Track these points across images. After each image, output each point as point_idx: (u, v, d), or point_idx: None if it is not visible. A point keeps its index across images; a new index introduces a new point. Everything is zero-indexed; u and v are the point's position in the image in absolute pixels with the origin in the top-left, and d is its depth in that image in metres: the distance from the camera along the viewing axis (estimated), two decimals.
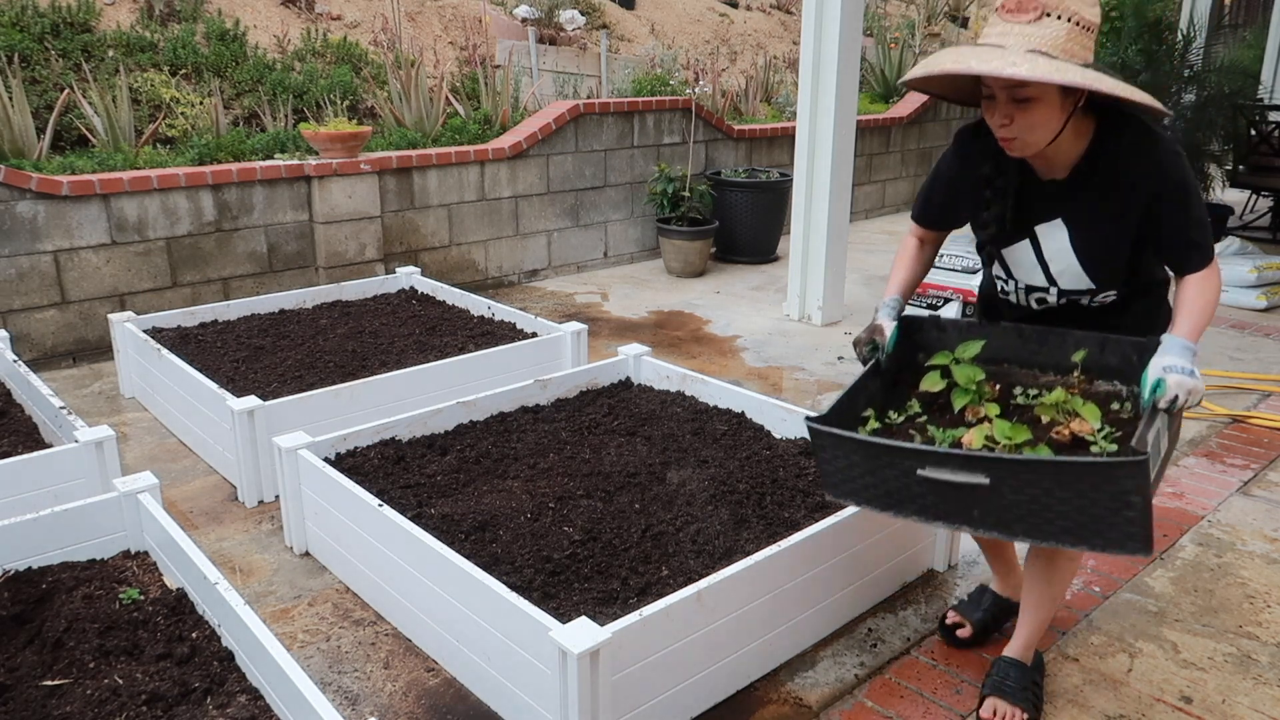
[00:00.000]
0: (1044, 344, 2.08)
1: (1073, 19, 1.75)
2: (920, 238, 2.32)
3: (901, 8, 13.33)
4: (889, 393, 2.13)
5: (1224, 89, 7.22)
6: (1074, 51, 1.77)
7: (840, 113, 5.09)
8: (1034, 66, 1.69)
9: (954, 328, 2.16)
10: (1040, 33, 1.75)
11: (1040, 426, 1.95)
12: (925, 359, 2.14)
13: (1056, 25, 1.75)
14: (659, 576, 2.47)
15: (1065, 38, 1.76)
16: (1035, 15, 1.75)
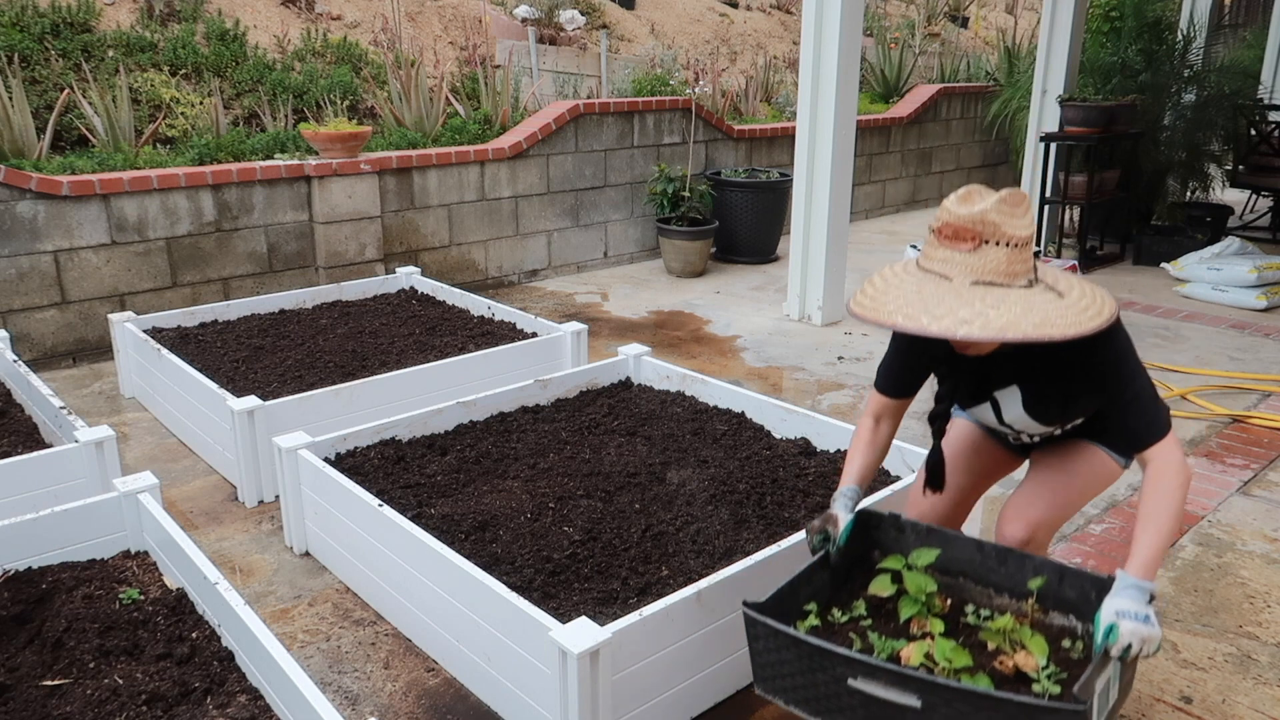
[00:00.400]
0: (1003, 563, 2.03)
1: (1009, 243, 1.81)
2: (878, 415, 2.26)
3: (901, 8, 13.33)
4: (838, 588, 2.07)
5: (1224, 89, 7.22)
6: (1016, 272, 1.83)
7: (840, 113, 5.09)
8: (985, 321, 1.76)
9: (913, 530, 2.11)
10: (982, 263, 1.81)
11: (985, 652, 1.89)
12: (880, 557, 2.08)
13: (996, 252, 1.81)
14: (659, 576, 2.47)
15: (1006, 262, 1.81)
16: (974, 245, 1.81)
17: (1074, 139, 6.41)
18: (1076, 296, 1.87)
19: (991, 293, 1.80)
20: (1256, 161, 7.53)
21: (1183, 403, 4.25)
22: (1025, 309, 1.78)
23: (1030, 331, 1.75)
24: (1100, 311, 1.86)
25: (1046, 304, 1.82)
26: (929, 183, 9.26)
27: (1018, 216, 1.83)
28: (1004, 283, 1.82)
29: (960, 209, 1.83)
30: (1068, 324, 1.78)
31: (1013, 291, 1.81)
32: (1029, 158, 7.12)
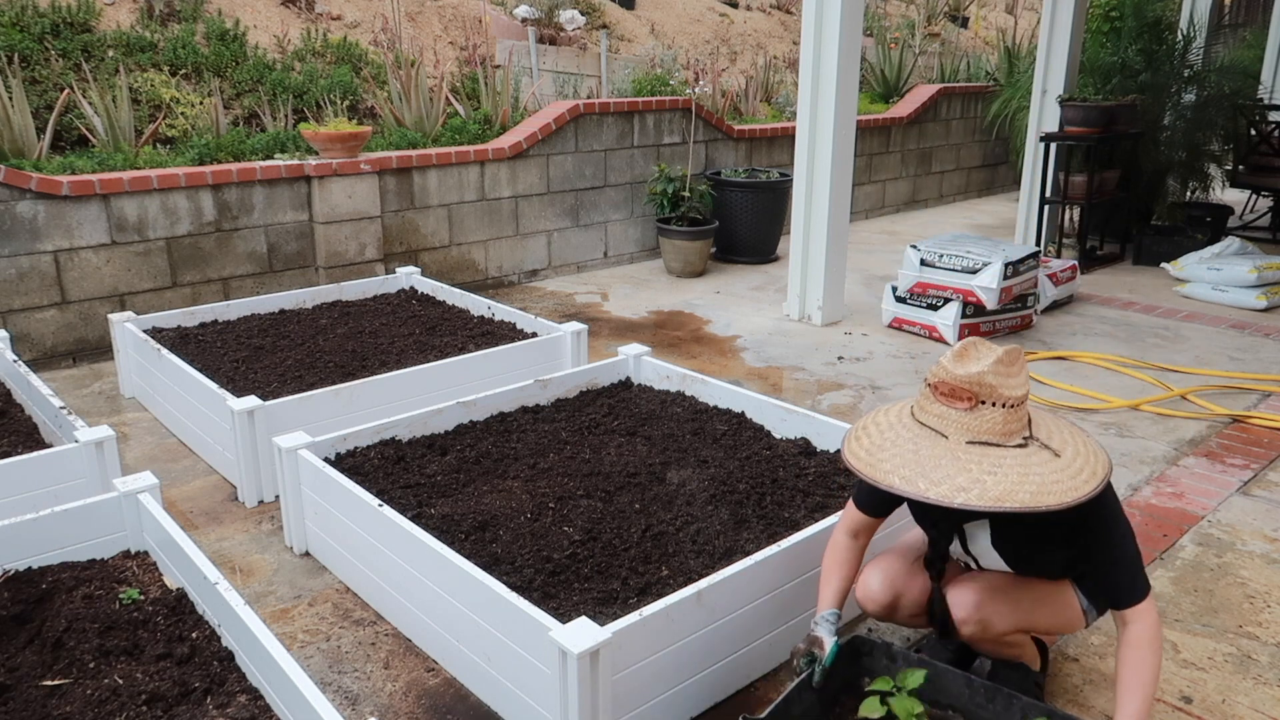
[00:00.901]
0: (991, 700, 2.01)
1: (1005, 403, 1.84)
2: (854, 531, 2.25)
3: (901, 8, 13.33)
4: (826, 710, 2.08)
5: (1224, 89, 7.22)
6: (1011, 431, 1.86)
7: (840, 113, 5.09)
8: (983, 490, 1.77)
9: (904, 659, 2.10)
10: (978, 423, 1.84)
11: None
12: (869, 684, 2.07)
13: (992, 413, 1.84)
14: (659, 576, 2.47)
15: (1002, 423, 1.84)
16: (970, 405, 1.84)
17: (1074, 139, 6.41)
18: (1070, 456, 1.87)
19: (988, 455, 1.83)
20: (1256, 161, 7.52)
21: (1183, 403, 4.25)
22: (1021, 475, 1.80)
23: (1027, 500, 1.77)
24: (1095, 474, 1.85)
25: (1042, 467, 1.83)
26: (929, 183, 9.26)
27: (1013, 376, 1.86)
28: (999, 442, 1.84)
29: (957, 369, 1.86)
30: (1064, 491, 1.79)
31: (1009, 453, 1.84)
32: (1029, 158, 7.12)
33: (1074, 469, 1.84)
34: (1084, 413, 4.14)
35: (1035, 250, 5.28)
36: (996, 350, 1.89)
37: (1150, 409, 4.17)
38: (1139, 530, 3.14)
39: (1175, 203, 7.52)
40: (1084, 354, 4.87)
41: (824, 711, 2.09)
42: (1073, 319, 5.55)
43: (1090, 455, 1.90)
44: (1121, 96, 6.70)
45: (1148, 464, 3.65)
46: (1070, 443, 1.92)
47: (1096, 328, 5.37)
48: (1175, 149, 7.16)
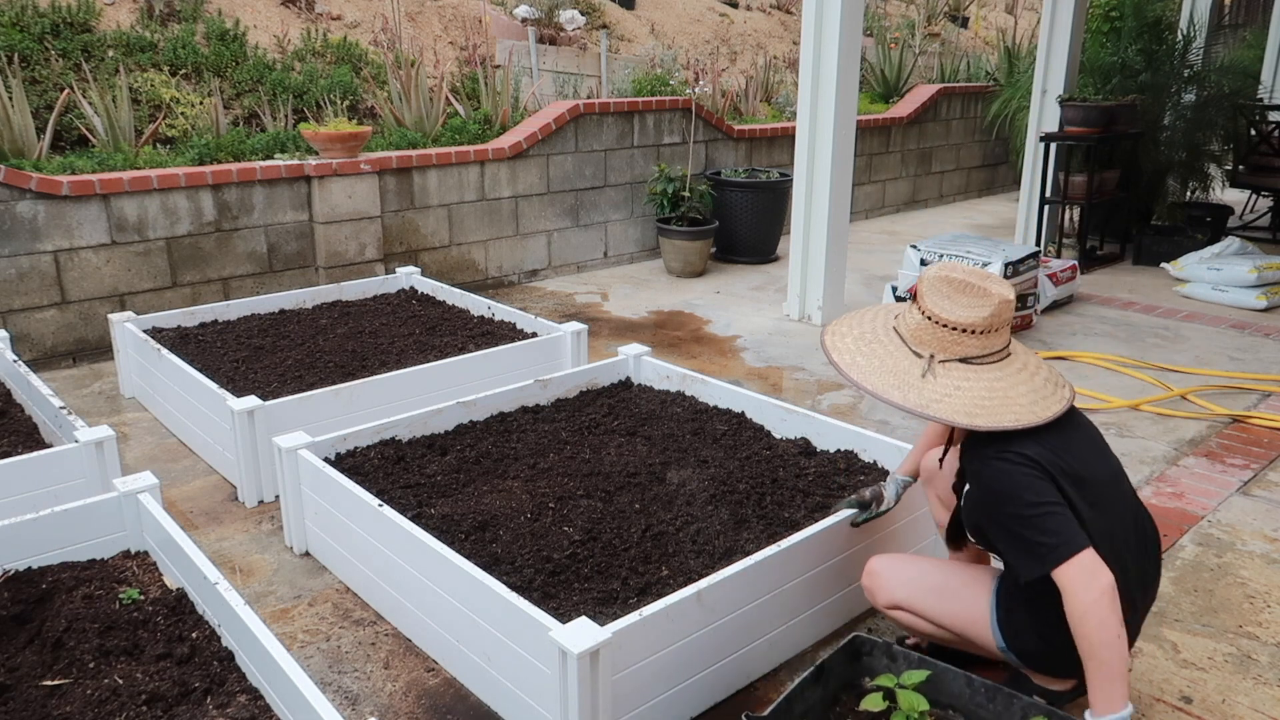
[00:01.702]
0: (991, 700, 2.02)
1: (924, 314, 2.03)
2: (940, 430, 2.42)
3: (901, 8, 13.33)
4: (827, 709, 2.11)
5: (1224, 89, 7.22)
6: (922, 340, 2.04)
7: (840, 113, 5.09)
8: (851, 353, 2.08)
9: (905, 660, 2.13)
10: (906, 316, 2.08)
11: None
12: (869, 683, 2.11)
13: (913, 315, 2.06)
14: (659, 576, 2.47)
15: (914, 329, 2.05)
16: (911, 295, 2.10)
17: (1074, 139, 6.41)
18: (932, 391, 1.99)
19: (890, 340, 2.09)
20: (1256, 161, 7.52)
21: (1183, 403, 4.25)
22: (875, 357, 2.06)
23: (844, 364, 2.09)
24: (914, 403, 1.98)
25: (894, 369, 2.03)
26: (929, 183, 9.26)
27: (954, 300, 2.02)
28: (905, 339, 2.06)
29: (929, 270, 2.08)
30: (874, 383, 2.02)
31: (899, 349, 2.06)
32: (1029, 158, 7.12)
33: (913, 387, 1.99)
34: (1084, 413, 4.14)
35: (1035, 250, 5.28)
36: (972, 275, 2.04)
37: (1150, 409, 4.17)
38: None
39: (1175, 203, 7.52)
40: (1084, 354, 4.87)
41: (825, 710, 2.11)
42: (1073, 319, 5.55)
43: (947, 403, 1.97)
44: (1121, 96, 6.70)
45: (1148, 464, 3.65)
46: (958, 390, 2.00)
47: (1096, 328, 5.37)
48: (1175, 149, 7.16)
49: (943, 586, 2.21)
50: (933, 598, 2.21)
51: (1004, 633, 2.12)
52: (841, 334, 2.14)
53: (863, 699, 2.01)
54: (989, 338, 2.00)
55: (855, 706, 2.05)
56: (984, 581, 2.21)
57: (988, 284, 2.01)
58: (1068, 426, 2.05)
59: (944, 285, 2.02)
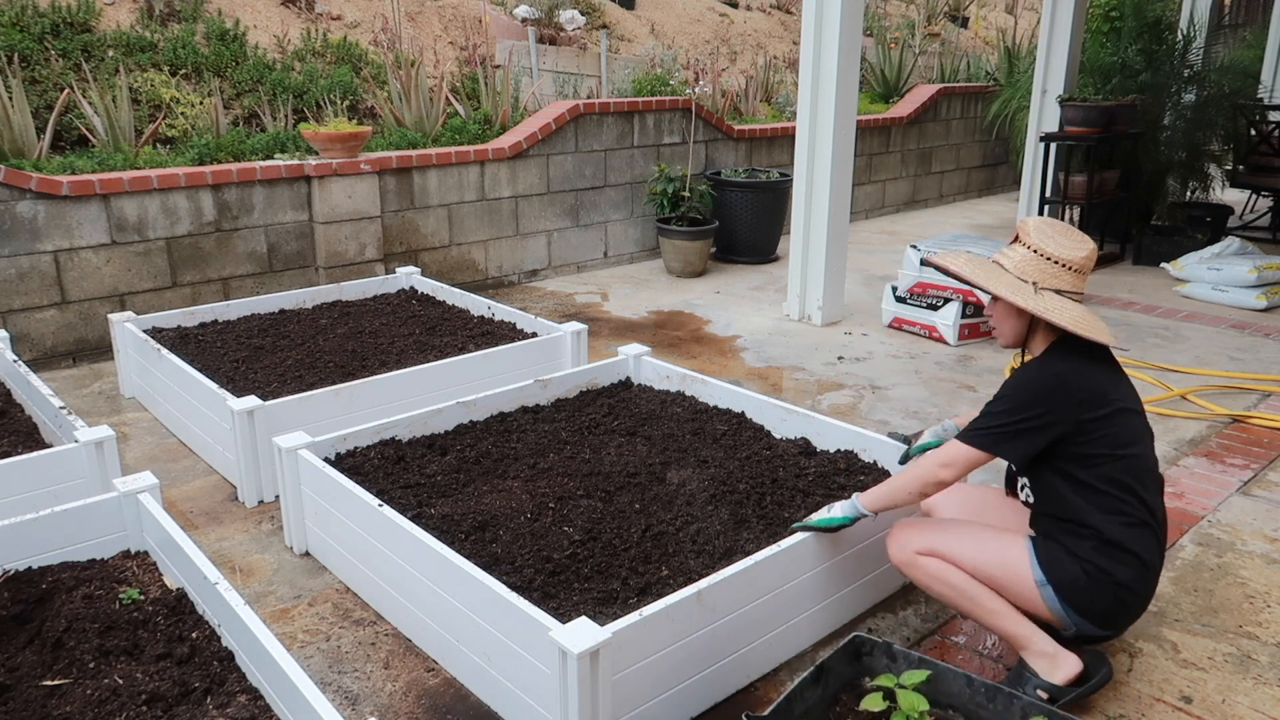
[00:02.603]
0: (991, 700, 2.06)
1: (1033, 249, 2.26)
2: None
3: (901, 8, 13.33)
4: (827, 709, 2.14)
5: (1224, 89, 7.22)
6: (1025, 273, 2.25)
7: (840, 113, 5.09)
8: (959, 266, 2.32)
9: (905, 659, 2.16)
10: (1011, 253, 2.29)
11: None
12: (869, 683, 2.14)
13: (1020, 250, 2.28)
14: (659, 576, 2.47)
15: (1021, 261, 2.26)
16: (1013, 240, 2.32)
17: (1074, 139, 6.41)
18: (1050, 303, 2.20)
19: (994, 269, 2.28)
20: (1256, 161, 7.52)
21: (1183, 403, 4.25)
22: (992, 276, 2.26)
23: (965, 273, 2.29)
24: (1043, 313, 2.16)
25: (1012, 285, 2.23)
26: (929, 183, 9.26)
27: (1056, 240, 2.25)
28: (1011, 271, 2.26)
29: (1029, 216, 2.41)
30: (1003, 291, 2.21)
31: (1006, 275, 2.26)
32: (1029, 158, 7.13)
33: (1031, 298, 2.19)
34: None
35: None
36: (1065, 225, 2.31)
37: (1150, 409, 4.17)
38: None
39: (1175, 203, 7.51)
40: None
41: (825, 710, 2.11)
42: None
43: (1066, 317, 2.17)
44: (1121, 96, 6.70)
45: None
46: (1065, 307, 2.20)
47: None
48: (1175, 149, 7.15)
49: (978, 535, 2.32)
50: (968, 542, 2.29)
51: (1042, 565, 2.20)
52: (952, 258, 2.34)
53: (863, 699, 2.01)
54: (1080, 277, 2.25)
55: (855, 706, 2.06)
56: (1015, 528, 2.35)
57: (1079, 233, 2.30)
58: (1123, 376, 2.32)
59: (1049, 228, 2.27)
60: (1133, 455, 2.18)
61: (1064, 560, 2.18)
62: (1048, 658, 2.22)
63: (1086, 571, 2.15)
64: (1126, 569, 2.16)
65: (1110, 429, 2.15)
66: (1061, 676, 2.21)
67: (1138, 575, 2.17)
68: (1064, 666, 2.21)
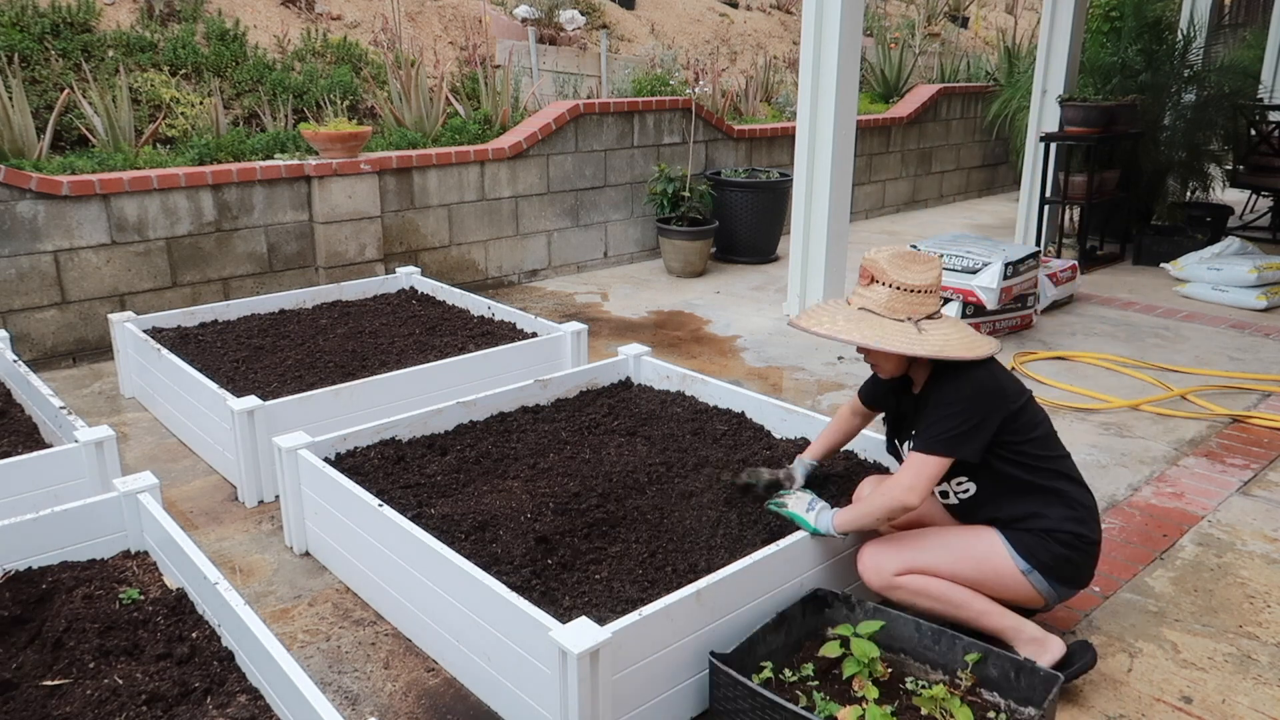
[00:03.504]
0: (937, 642, 2.27)
1: (892, 285, 2.33)
2: (855, 410, 2.77)
3: (901, 8, 13.33)
4: (790, 654, 2.35)
5: (1224, 89, 7.21)
6: (895, 309, 2.33)
7: (840, 113, 5.09)
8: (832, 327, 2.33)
9: (862, 610, 2.37)
10: (870, 295, 2.36)
11: (919, 717, 2.12)
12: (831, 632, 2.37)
13: (880, 290, 2.35)
14: (659, 576, 2.47)
15: (887, 299, 2.34)
16: (866, 281, 2.38)
17: (1074, 139, 6.41)
18: (931, 338, 2.29)
19: (865, 317, 2.34)
20: (1256, 161, 7.52)
21: (1183, 403, 4.25)
22: (873, 329, 2.30)
23: (858, 339, 2.29)
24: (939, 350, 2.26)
25: (896, 332, 2.30)
26: (929, 183, 9.26)
27: (909, 270, 2.33)
28: (880, 313, 2.34)
29: (869, 253, 2.39)
30: (897, 344, 2.26)
31: (880, 320, 2.32)
32: (1029, 158, 7.12)
33: (922, 340, 2.28)
34: (1084, 413, 4.14)
35: (1035, 250, 5.28)
36: (907, 250, 2.39)
37: (1150, 409, 4.17)
38: (1139, 530, 3.14)
39: (1175, 203, 7.51)
40: (1084, 354, 4.87)
41: (789, 655, 2.32)
42: (1073, 319, 5.55)
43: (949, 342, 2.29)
44: (1121, 96, 6.70)
45: (1148, 464, 3.65)
46: (945, 334, 2.32)
47: (1096, 328, 5.37)
48: (1175, 149, 7.15)
49: (950, 542, 2.38)
50: (941, 550, 2.36)
51: (1023, 554, 2.31)
52: (820, 319, 2.38)
53: (822, 646, 2.26)
54: (935, 296, 2.38)
55: (816, 653, 2.30)
56: (984, 528, 2.39)
57: (924, 254, 2.39)
58: None
59: (900, 260, 2.35)
60: (1044, 422, 2.40)
61: (1042, 542, 2.31)
62: (1036, 643, 2.33)
63: (1065, 543, 2.31)
64: (1091, 525, 2.36)
65: (1031, 410, 2.36)
66: (1049, 660, 2.32)
67: (1096, 523, 2.37)
68: (1051, 650, 2.33)
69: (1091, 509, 2.37)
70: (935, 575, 2.34)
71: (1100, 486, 3.43)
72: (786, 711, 1.98)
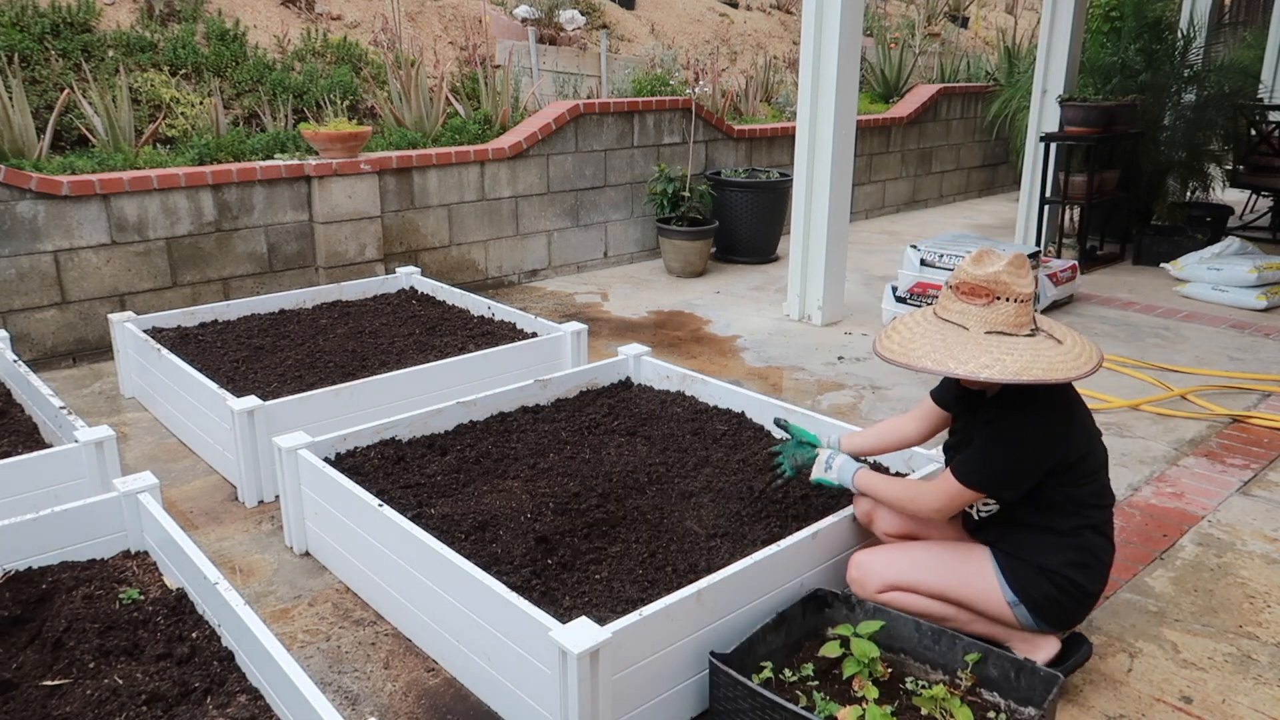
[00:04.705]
0: (937, 642, 2.26)
1: (1016, 299, 2.14)
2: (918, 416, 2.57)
3: (901, 8, 13.33)
4: (790, 654, 2.34)
5: (1224, 89, 7.21)
6: (1022, 323, 2.16)
7: (840, 113, 5.09)
8: (1003, 366, 2.07)
9: (862, 609, 2.35)
10: (994, 315, 2.15)
11: (919, 717, 2.11)
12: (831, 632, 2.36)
13: (1005, 306, 2.14)
14: (659, 576, 2.47)
15: (1014, 315, 2.15)
16: (988, 300, 2.15)
17: (1074, 139, 6.41)
18: (1071, 344, 2.17)
19: (1004, 342, 2.12)
20: (1256, 161, 7.52)
21: (1183, 403, 4.25)
22: (1033, 356, 2.09)
23: (1040, 374, 2.06)
24: (1090, 359, 2.14)
25: (1049, 351, 2.12)
26: (929, 183, 9.26)
27: (1023, 277, 2.15)
28: (1012, 332, 2.14)
29: (977, 270, 2.15)
30: (1070, 368, 2.09)
31: (1021, 340, 2.13)
32: (1029, 158, 7.12)
33: (1075, 353, 2.14)
34: None
35: (1035, 250, 5.29)
36: (1008, 254, 2.17)
37: (1150, 409, 4.17)
38: (1139, 530, 3.14)
39: (1175, 203, 7.51)
40: None
41: (788, 654, 2.31)
42: (1073, 319, 5.55)
43: (1087, 345, 2.20)
44: (1121, 96, 6.70)
45: (1148, 464, 3.65)
46: (1069, 334, 2.21)
47: (1096, 328, 5.37)
48: (1175, 149, 7.15)
49: (938, 559, 2.34)
50: (931, 571, 2.32)
51: (1013, 586, 2.26)
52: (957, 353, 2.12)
53: (822, 646, 2.25)
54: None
55: (816, 653, 2.29)
56: (978, 548, 2.35)
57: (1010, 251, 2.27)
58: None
59: (1014, 269, 2.15)
60: (1103, 478, 2.29)
61: (1035, 579, 2.26)
62: (1029, 643, 2.33)
63: (1059, 587, 2.25)
64: (1095, 577, 2.28)
65: (1089, 463, 2.24)
66: (1044, 657, 2.32)
67: (1103, 577, 2.30)
68: (1045, 649, 2.33)
69: (1103, 563, 2.28)
70: (921, 592, 2.32)
71: None
72: (786, 711, 1.98)
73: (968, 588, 2.29)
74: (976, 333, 2.14)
